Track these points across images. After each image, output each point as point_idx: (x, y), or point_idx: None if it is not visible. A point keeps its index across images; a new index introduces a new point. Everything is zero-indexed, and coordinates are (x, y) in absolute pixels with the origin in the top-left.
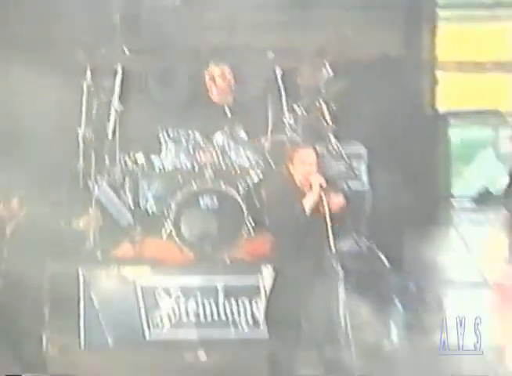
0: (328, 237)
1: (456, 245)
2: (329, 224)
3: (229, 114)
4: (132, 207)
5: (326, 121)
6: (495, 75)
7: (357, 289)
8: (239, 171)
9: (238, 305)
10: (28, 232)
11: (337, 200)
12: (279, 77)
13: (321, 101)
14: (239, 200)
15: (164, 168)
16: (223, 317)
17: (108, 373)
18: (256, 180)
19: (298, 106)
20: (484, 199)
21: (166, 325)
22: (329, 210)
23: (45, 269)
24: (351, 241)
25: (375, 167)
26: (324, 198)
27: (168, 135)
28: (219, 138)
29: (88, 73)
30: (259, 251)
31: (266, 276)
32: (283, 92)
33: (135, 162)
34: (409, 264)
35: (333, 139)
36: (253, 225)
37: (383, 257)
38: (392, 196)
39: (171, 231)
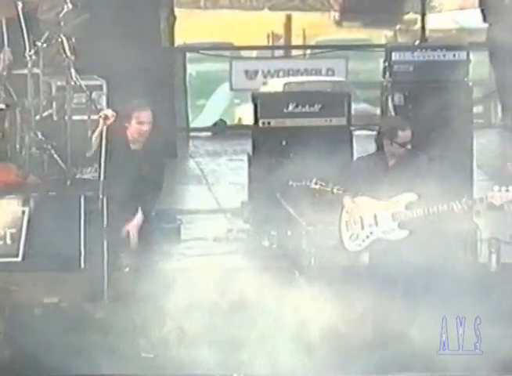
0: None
1: (193, 175)
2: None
3: None
4: None
5: (67, 55)
6: (230, 11)
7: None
8: None
9: None
10: None
11: None
12: (19, 10)
13: (61, 35)
14: None
15: None
16: None
17: None
18: None
19: (39, 40)
20: (219, 130)
21: None
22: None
23: None
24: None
25: (115, 99)
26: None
27: None
28: None
29: None
30: (3, 179)
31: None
32: (23, 26)
33: None
34: None
35: (73, 72)
36: None
37: None
38: None
39: None
